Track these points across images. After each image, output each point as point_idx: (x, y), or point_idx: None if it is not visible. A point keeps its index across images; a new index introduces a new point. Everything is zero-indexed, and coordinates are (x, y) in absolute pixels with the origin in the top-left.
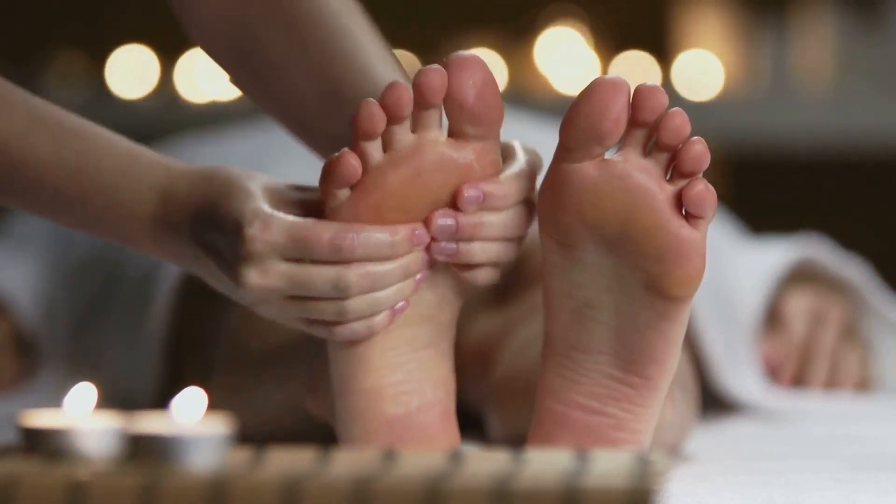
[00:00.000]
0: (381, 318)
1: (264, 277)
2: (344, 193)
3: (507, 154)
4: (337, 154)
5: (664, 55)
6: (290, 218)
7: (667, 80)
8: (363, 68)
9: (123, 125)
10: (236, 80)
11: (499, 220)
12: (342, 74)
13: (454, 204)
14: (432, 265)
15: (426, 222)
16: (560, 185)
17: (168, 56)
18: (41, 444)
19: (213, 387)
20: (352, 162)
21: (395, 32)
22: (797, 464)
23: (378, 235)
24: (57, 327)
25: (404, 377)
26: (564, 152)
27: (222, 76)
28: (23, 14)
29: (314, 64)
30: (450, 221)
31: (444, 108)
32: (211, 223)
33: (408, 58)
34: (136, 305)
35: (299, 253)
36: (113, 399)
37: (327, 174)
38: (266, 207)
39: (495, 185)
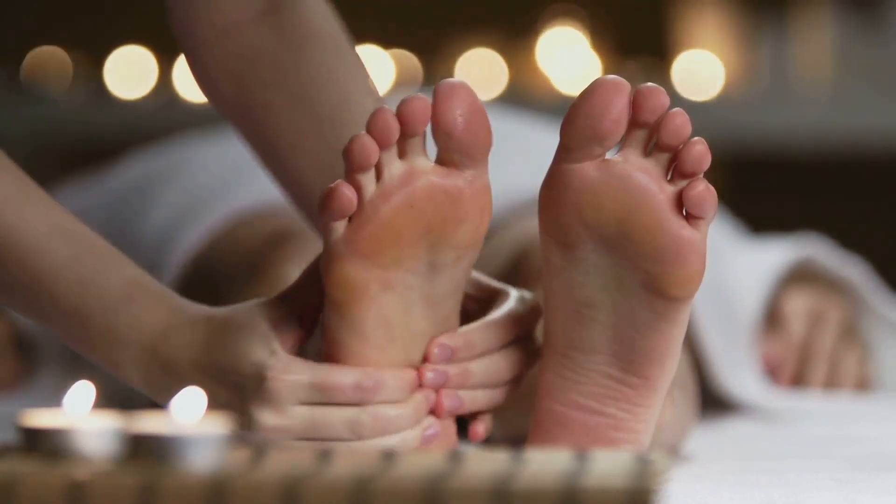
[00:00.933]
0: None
1: (281, 419)
2: (341, 226)
3: (498, 299)
4: (332, 185)
5: (664, 55)
6: (309, 365)
7: (667, 79)
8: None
9: (122, 125)
10: (238, 130)
11: (481, 367)
12: (337, 143)
13: (426, 359)
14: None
15: (418, 373)
16: (560, 185)
17: (166, 56)
18: (41, 444)
19: None
20: (347, 193)
21: (396, 32)
22: (797, 464)
23: (395, 379)
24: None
25: None
26: (564, 152)
27: None
28: (23, 14)
29: (311, 132)
30: (436, 374)
31: (433, 137)
32: (224, 368)
33: (408, 58)
34: None
35: (320, 398)
36: (113, 399)
37: (324, 207)
38: (282, 353)
39: (458, 339)
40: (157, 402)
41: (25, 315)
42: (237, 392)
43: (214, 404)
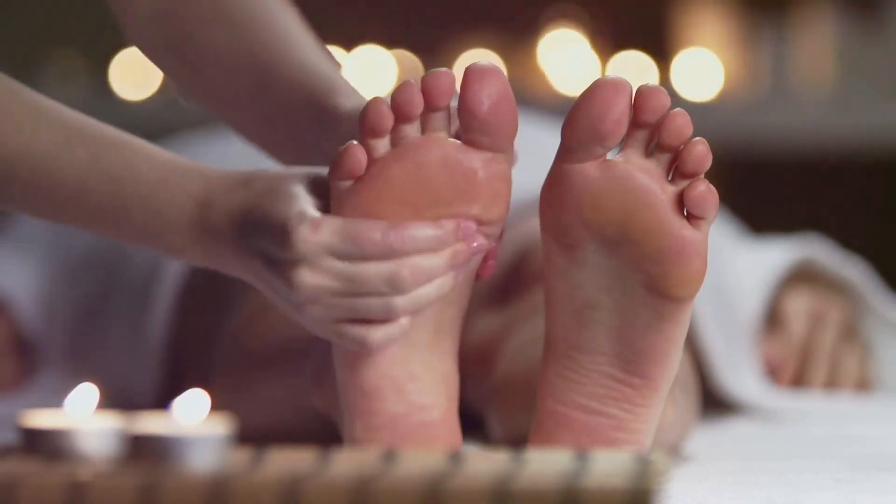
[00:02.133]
0: (405, 323)
1: (318, 276)
2: (346, 184)
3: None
4: (343, 147)
5: (664, 55)
6: (338, 219)
7: (667, 80)
8: (291, 54)
9: (126, 126)
10: (171, 74)
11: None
12: (270, 61)
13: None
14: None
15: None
16: (561, 185)
17: None
18: (41, 444)
19: (214, 387)
20: (357, 154)
21: (396, 32)
22: (797, 464)
23: (427, 231)
24: (57, 327)
25: (406, 375)
26: (566, 153)
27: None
28: (24, 14)
29: (243, 52)
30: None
31: (458, 115)
32: (257, 228)
33: (408, 58)
34: (136, 305)
35: (352, 251)
36: (113, 399)
37: (334, 166)
38: (311, 210)
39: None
40: (228, 273)
41: (68, 223)
42: (272, 258)
43: (257, 270)
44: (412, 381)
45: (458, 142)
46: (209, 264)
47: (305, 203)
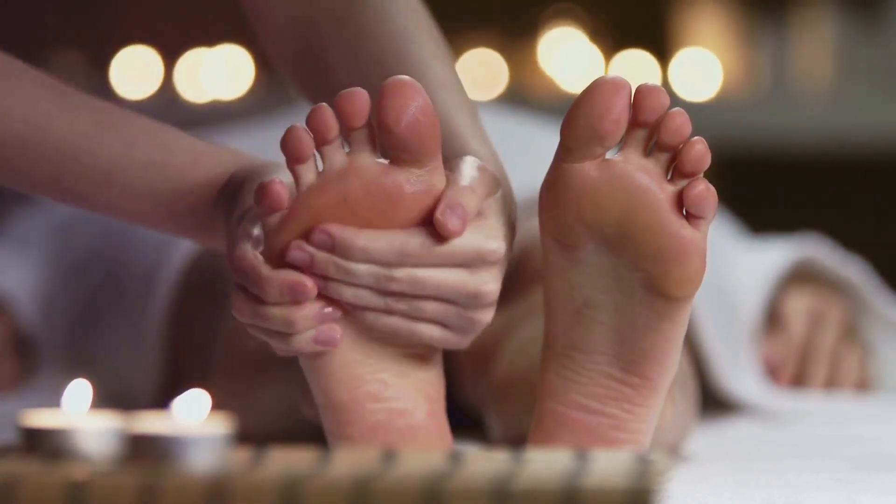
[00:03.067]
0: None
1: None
2: (276, 217)
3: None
4: (267, 180)
5: (664, 55)
6: (251, 250)
7: (666, 79)
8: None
9: None
10: (296, 84)
11: (359, 271)
12: None
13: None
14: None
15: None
16: (560, 185)
17: (170, 56)
18: (41, 444)
19: (213, 388)
20: (277, 189)
21: None
22: (797, 464)
23: (273, 289)
24: (57, 327)
25: (379, 386)
26: (565, 152)
27: (224, 76)
28: (24, 14)
29: (370, 73)
30: (297, 253)
31: (378, 133)
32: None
33: None
34: (135, 305)
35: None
36: (113, 399)
37: (256, 200)
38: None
39: (350, 233)
40: (264, 248)
41: (98, 212)
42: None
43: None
44: (386, 391)
45: (382, 164)
46: (219, 244)
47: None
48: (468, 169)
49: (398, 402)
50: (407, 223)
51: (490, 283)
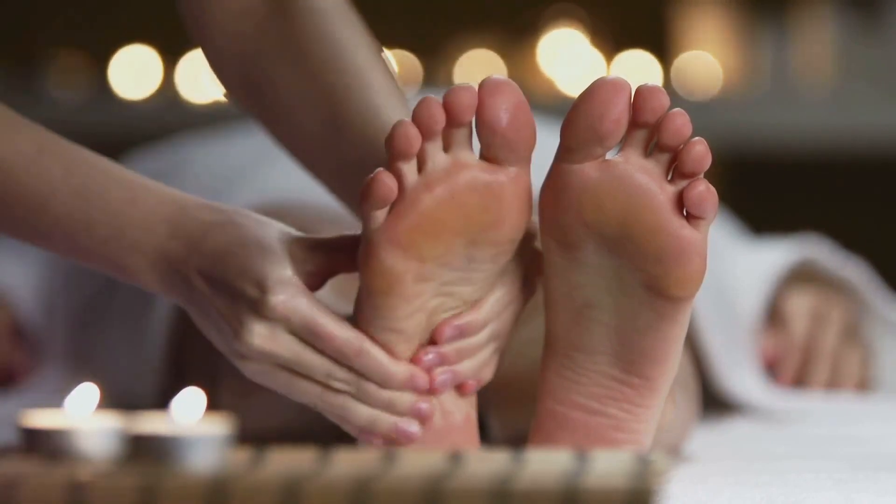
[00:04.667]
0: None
1: (270, 342)
2: (382, 214)
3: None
4: (372, 175)
5: (664, 55)
6: (313, 303)
7: (667, 80)
8: (369, 106)
9: (125, 125)
10: (248, 111)
11: (480, 339)
12: (347, 112)
13: (434, 339)
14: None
15: (415, 360)
16: (561, 185)
17: (171, 56)
18: (41, 444)
19: (219, 388)
20: (387, 182)
21: (396, 33)
22: (797, 464)
23: (378, 358)
24: (57, 326)
25: None
26: (565, 153)
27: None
28: (24, 14)
29: (321, 101)
30: (434, 357)
31: (477, 132)
32: (229, 274)
33: (408, 58)
34: (137, 304)
35: (307, 338)
36: (113, 399)
37: (365, 195)
38: (291, 276)
39: (471, 316)
40: (174, 301)
41: (32, 242)
42: (239, 302)
43: (209, 309)
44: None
45: (484, 162)
46: (160, 290)
47: (286, 268)
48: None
49: (444, 400)
50: (503, 221)
51: None
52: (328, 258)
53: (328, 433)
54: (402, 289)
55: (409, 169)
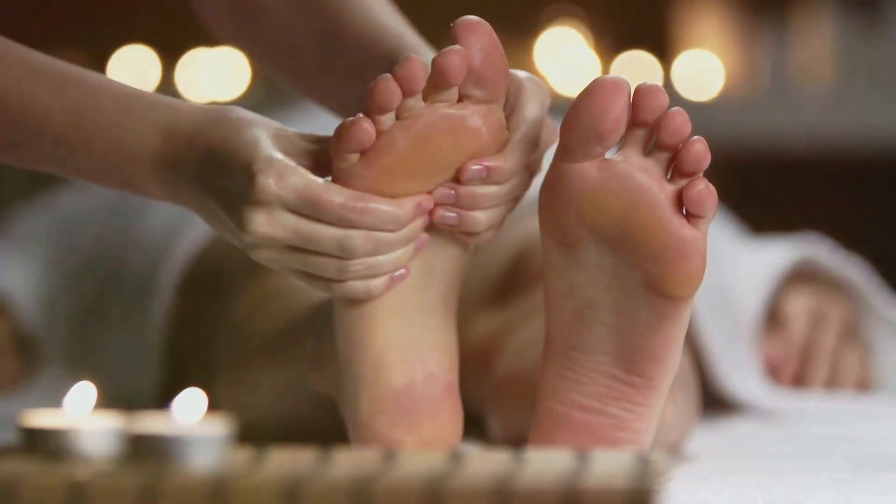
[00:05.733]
0: (379, 283)
1: (271, 225)
2: (354, 157)
3: (513, 106)
4: (351, 119)
5: (664, 55)
6: (305, 175)
7: (667, 79)
8: (362, 13)
9: None
10: (240, 45)
11: (499, 190)
12: (341, 22)
13: (457, 177)
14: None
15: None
16: (561, 184)
17: (169, 56)
18: (41, 444)
19: (216, 382)
20: (366, 127)
21: None
22: (797, 464)
23: (385, 208)
24: (57, 327)
25: (409, 342)
26: (565, 152)
27: (222, 77)
28: (23, 14)
29: (314, 15)
30: (449, 192)
31: None
32: (220, 166)
33: None
34: (136, 305)
35: (308, 211)
36: (113, 399)
37: (340, 137)
38: (281, 157)
39: (500, 160)
40: (180, 205)
41: (42, 167)
42: (230, 197)
43: (212, 207)
44: (415, 350)
45: (458, 103)
46: (165, 198)
47: (273, 149)
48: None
49: (424, 366)
50: (479, 156)
51: None
52: (323, 152)
53: (329, 426)
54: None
55: (386, 118)
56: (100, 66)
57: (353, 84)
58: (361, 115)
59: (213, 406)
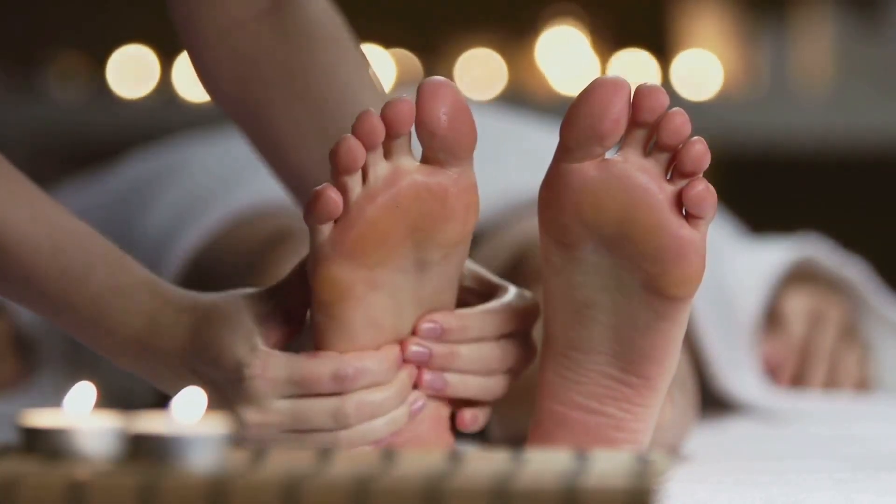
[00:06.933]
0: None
1: (263, 415)
2: (328, 228)
3: (498, 293)
4: (318, 188)
5: (664, 55)
6: (289, 357)
7: (666, 79)
8: (339, 101)
9: (123, 125)
10: (238, 125)
11: (472, 353)
12: (317, 101)
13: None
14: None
15: (402, 347)
16: (560, 184)
17: (168, 56)
18: (41, 444)
19: None
20: (333, 196)
21: (396, 32)
22: (797, 464)
23: (374, 365)
24: (56, 327)
25: None
26: (564, 152)
27: None
28: (23, 14)
29: (315, 132)
30: (421, 349)
31: (417, 135)
32: (207, 361)
33: (408, 57)
34: None
35: (300, 391)
36: (113, 399)
37: (310, 210)
38: (262, 346)
39: (453, 320)
40: (160, 391)
41: (24, 306)
42: (220, 389)
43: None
44: None
45: (425, 165)
46: (146, 377)
47: (256, 338)
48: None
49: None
50: (448, 221)
51: None
52: (295, 295)
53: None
54: (353, 298)
55: (353, 182)
56: (100, 66)
57: (308, 155)
58: (327, 184)
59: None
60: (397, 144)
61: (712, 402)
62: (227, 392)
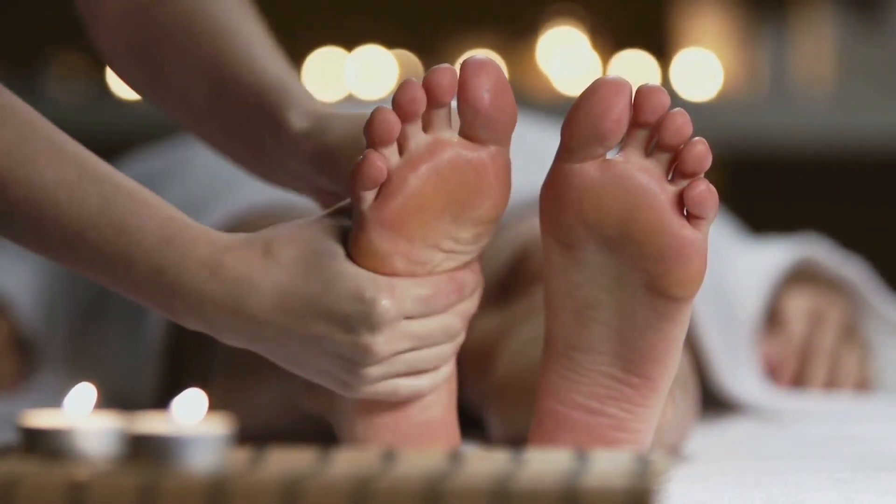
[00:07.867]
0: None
1: (393, 343)
2: (371, 195)
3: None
4: (362, 157)
5: (664, 55)
6: (409, 282)
7: (666, 79)
8: (248, 66)
9: (124, 125)
10: (132, 83)
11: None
12: (228, 75)
13: None
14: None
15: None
16: (561, 185)
17: None
18: (41, 444)
19: (212, 388)
20: (377, 162)
21: (397, 32)
22: (797, 464)
23: (469, 277)
24: (57, 327)
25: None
26: (566, 152)
27: None
28: (23, 14)
29: (203, 65)
30: None
31: (459, 111)
32: (321, 316)
33: (408, 58)
34: (135, 305)
35: (426, 312)
36: (113, 399)
37: (355, 177)
38: (383, 279)
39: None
40: (226, 342)
41: (78, 272)
42: (352, 328)
43: (295, 352)
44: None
45: (464, 139)
46: (213, 333)
47: (365, 275)
48: None
49: (422, 398)
50: (485, 198)
51: None
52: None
53: (326, 434)
54: (390, 270)
55: (389, 152)
56: (100, 66)
57: (238, 139)
58: (372, 150)
59: (213, 406)
60: (437, 115)
61: (712, 402)
62: (351, 332)
